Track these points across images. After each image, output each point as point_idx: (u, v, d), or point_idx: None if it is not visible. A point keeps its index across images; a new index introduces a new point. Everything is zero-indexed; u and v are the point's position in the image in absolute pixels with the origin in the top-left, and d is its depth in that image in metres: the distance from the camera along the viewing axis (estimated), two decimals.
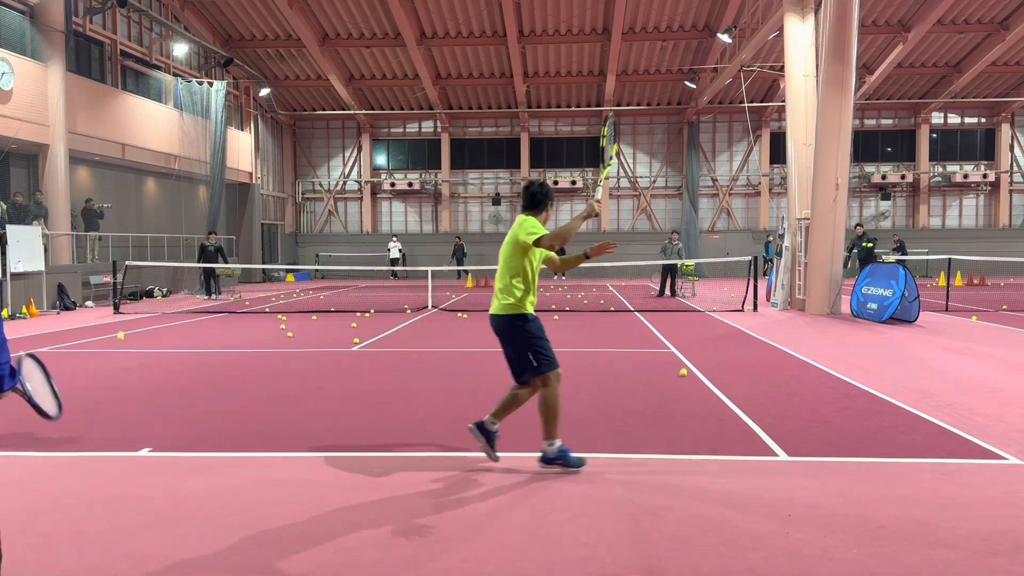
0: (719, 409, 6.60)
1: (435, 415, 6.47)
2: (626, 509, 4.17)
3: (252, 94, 30.18)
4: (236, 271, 26.35)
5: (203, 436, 5.83)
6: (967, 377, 8.06)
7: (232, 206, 29.19)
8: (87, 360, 9.59)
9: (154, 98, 23.66)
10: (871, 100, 31.99)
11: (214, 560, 3.57)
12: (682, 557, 3.56)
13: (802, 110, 15.94)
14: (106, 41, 21.85)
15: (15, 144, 17.70)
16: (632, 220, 34.12)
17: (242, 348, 10.70)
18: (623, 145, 33.93)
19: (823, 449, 5.32)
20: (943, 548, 3.64)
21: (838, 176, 14.39)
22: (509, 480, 4.70)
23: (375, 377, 8.29)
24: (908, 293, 12.92)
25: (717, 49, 27.20)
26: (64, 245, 18.87)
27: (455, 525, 3.97)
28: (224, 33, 27.93)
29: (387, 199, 34.95)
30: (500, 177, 34.46)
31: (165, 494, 4.47)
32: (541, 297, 20.45)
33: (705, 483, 4.60)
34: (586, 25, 27.41)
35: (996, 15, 26.87)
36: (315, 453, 5.35)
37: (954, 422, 6.05)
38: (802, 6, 16.14)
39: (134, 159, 22.03)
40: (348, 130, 34.72)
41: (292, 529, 3.93)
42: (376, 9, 26.38)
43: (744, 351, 10.13)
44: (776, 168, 33.04)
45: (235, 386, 7.85)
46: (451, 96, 32.54)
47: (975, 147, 33.51)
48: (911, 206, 33.89)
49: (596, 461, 5.08)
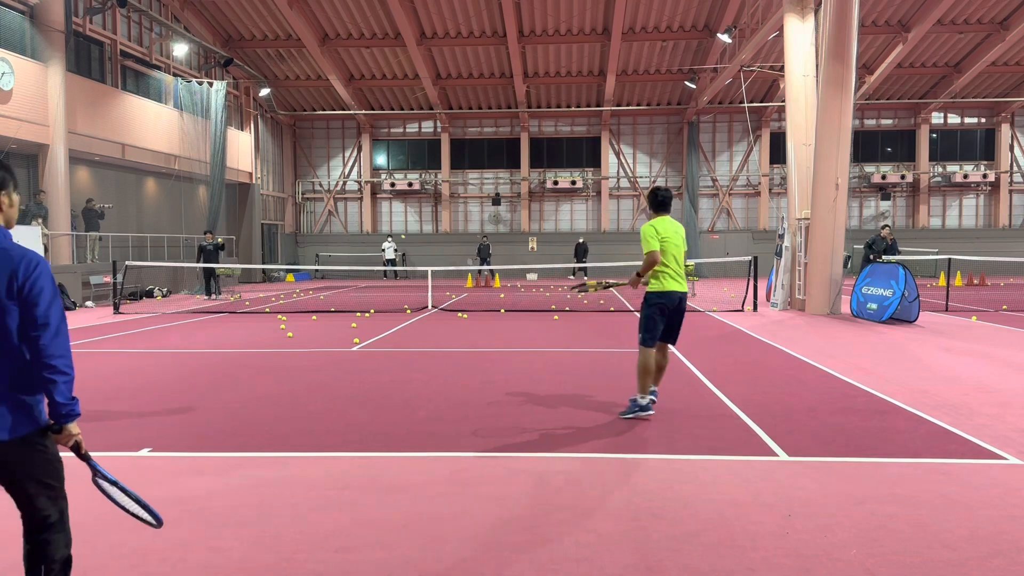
0: (719, 409, 6.61)
1: (435, 415, 6.47)
2: (626, 509, 4.17)
3: (252, 94, 30.17)
4: (236, 271, 26.35)
5: (203, 436, 5.83)
6: (967, 377, 8.06)
7: (232, 206, 29.19)
8: (87, 360, 9.59)
9: (154, 98, 23.66)
10: (871, 100, 31.98)
11: (214, 560, 3.57)
12: (682, 557, 3.56)
13: (802, 110, 15.94)
14: (106, 41, 21.85)
15: (15, 144, 17.70)
16: (632, 220, 34.11)
17: (242, 348, 10.70)
18: (623, 145, 33.94)
19: (823, 449, 5.32)
20: (943, 548, 3.64)
21: (838, 176, 14.39)
22: (509, 480, 4.70)
23: (375, 377, 8.29)
24: (908, 293, 12.91)
25: (717, 49, 27.19)
26: (64, 245, 18.87)
27: (455, 525, 3.97)
28: (224, 33, 27.93)
29: (387, 199, 34.95)
30: (500, 177, 34.45)
31: (165, 494, 4.47)
32: (541, 296, 20.47)
33: (705, 483, 4.60)
34: (586, 25, 27.41)
35: (996, 15, 26.87)
36: (315, 453, 5.35)
37: (954, 422, 6.05)
38: (802, 6, 16.14)
39: (134, 159, 22.03)
40: (348, 130, 34.72)
41: (292, 529, 3.93)
42: (376, 9, 26.38)
43: (744, 351, 10.13)
44: (776, 168, 33.04)
45: (235, 386, 7.85)
46: (451, 96, 32.54)
47: (975, 147, 33.51)
48: (911, 206, 33.90)
49: (596, 461, 5.08)
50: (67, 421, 2.64)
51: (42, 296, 2.58)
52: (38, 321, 2.56)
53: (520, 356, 9.78)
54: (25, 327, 2.58)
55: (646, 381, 6.25)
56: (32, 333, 2.57)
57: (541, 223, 34.57)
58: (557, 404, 6.86)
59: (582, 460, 5.11)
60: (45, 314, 2.58)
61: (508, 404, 6.88)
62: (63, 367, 2.60)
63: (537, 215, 34.56)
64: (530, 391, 7.46)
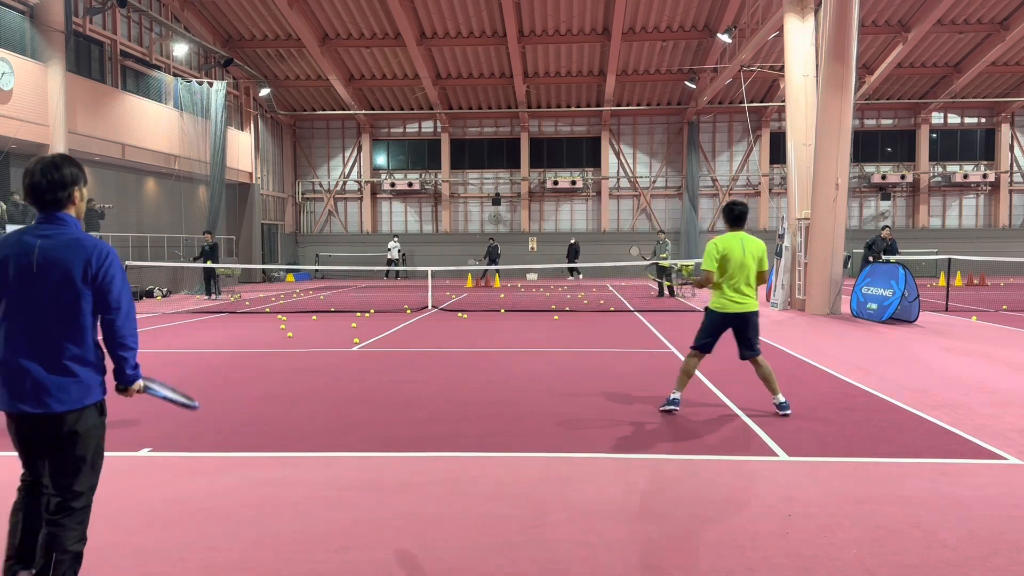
0: (719, 409, 6.61)
1: (435, 415, 6.47)
2: (626, 509, 4.18)
3: (252, 94, 30.17)
4: (236, 271, 26.35)
5: (203, 436, 5.83)
6: (967, 377, 8.06)
7: (232, 206, 29.17)
8: None
9: (154, 98, 23.65)
10: (871, 100, 31.98)
11: (214, 560, 3.57)
12: (682, 557, 3.56)
13: (802, 110, 15.94)
14: (106, 41, 21.84)
15: (15, 144, 17.69)
16: (632, 220, 34.12)
17: (242, 348, 10.70)
18: (623, 145, 33.94)
19: (823, 449, 5.32)
20: (943, 548, 3.64)
21: (838, 176, 14.39)
22: (509, 481, 4.70)
23: (375, 377, 8.29)
24: (908, 293, 12.91)
25: (717, 49, 27.19)
26: None
27: (455, 525, 3.97)
28: (224, 33, 27.93)
29: (387, 199, 34.95)
30: (500, 177, 34.45)
31: (165, 494, 4.47)
32: (540, 296, 20.46)
33: (705, 483, 4.60)
34: (586, 25, 27.40)
35: (996, 15, 26.86)
36: (315, 453, 5.35)
37: (954, 422, 6.05)
38: (802, 6, 16.14)
39: (134, 159, 22.02)
40: (348, 130, 34.72)
41: (292, 529, 3.94)
42: (376, 9, 26.37)
43: None
44: (776, 168, 33.04)
45: (235, 386, 7.86)
46: (451, 96, 32.54)
47: (975, 147, 33.51)
48: (911, 206, 33.90)
49: (596, 461, 5.08)
50: (132, 382, 3.11)
51: (114, 283, 2.96)
52: (111, 305, 2.95)
53: (520, 356, 9.78)
54: (99, 310, 2.97)
55: (683, 379, 6.50)
56: (107, 316, 2.97)
57: (541, 223, 34.57)
58: (557, 404, 6.86)
59: (582, 460, 5.11)
60: (117, 299, 2.98)
61: (508, 404, 6.88)
62: (132, 343, 3.04)
63: (537, 215, 34.56)
64: (530, 391, 7.46)
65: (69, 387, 2.89)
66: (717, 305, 6.34)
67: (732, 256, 6.24)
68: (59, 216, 3.00)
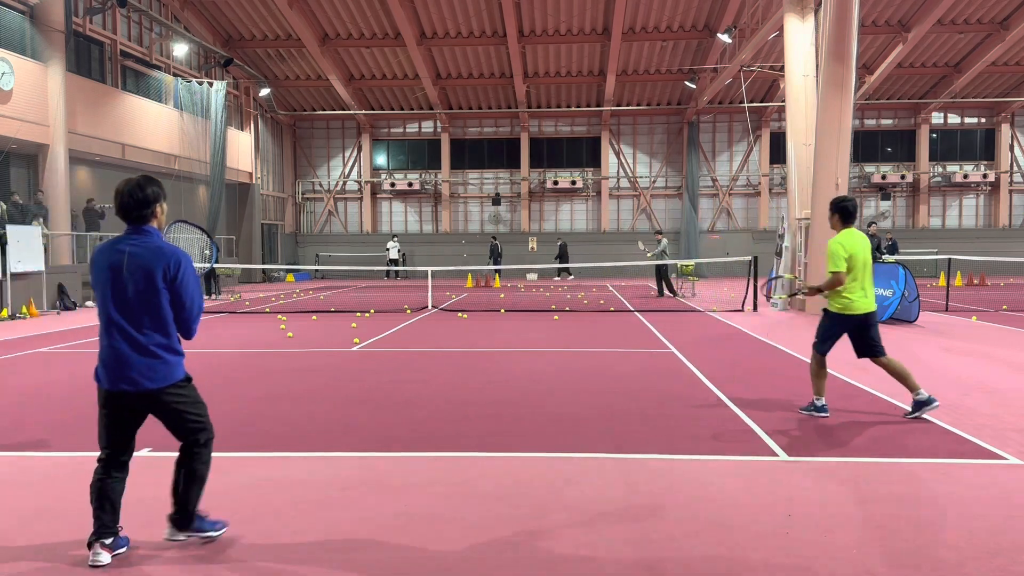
0: (719, 409, 6.61)
1: (435, 415, 6.47)
2: (627, 509, 4.18)
3: (252, 94, 30.17)
4: (236, 271, 26.35)
5: None
6: (967, 377, 8.06)
7: (232, 206, 29.18)
8: (87, 360, 9.58)
9: (154, 98, 23.66)
10: (871, 100, 31.98)
11: (214, 560, 3.58)
12: (682, 557, 3.56)
13: (802, 110, 15.95)
14: (106, 41, 21.84)
15: (15, 144, 17.69)
16: (632, 220, 34.11)
17: (242, 348, 10.70)
18: (623, 145, 33.95)
19: (823, 449, 5.32)
20: (943, 548, 3.64)
21: (838, 176, 14.39)
22: (509, 481, 4.70)
23: (375, 377, 8.29)
24: (908, 293, 12.91)
25: (717, 49, 27.19)
26: (64, 245, 18.86)
27: (455, 525, 3.97)
28: (224, 33, 27.93)
29: (387, 199, 34.95)
30: (500, 177, 34.45)
31: (165, 494, 4.46)
32: (540, 296, 20.47)
33: (705, 483, 4.60)
34: (586, 25, 27.40)
35: (996, 15, 26.86)
36: (315, 453, 5.35)
37: (954, 422, 6.05)
38: (802, 6, 16.15)
39: (134, 159, 22.02)
40: (348, 130, 34.72)
41: (291, 529, 3.94)
42: (376, 9, 26.37)
43: (744, 351, 10.13)
44: (776, 168, 33.03)
45: (235, 386, 7.86)
46: (451, 96, 32.54)
47: (975, 147, 33.51)
48: (911, 206, 33.90)
49: (596, 461, 5.08)
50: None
51: (187, 287, 3.55)
52: (185, 304, 3.56)
53: (520, 356, 9.78)
54: (176, 308, 3.56)
55: (818, 384, 6.32)
56: (182, 314, 3.58)
57: (541, 223, 34.57)
58: (557, 404, 6.86)
59: (582, 460, 5.11)
60: (191, 299, 3.58)
61: (508, 404, 6.88)
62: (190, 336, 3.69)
63: (537, 215, 34.56)
64: (530, 391, 7.46)
65: (157, 367, 3.52)
66: (839, 307, 6.08)
67: (857, 254, 6.03)
68: (144, 228, 3.57)
